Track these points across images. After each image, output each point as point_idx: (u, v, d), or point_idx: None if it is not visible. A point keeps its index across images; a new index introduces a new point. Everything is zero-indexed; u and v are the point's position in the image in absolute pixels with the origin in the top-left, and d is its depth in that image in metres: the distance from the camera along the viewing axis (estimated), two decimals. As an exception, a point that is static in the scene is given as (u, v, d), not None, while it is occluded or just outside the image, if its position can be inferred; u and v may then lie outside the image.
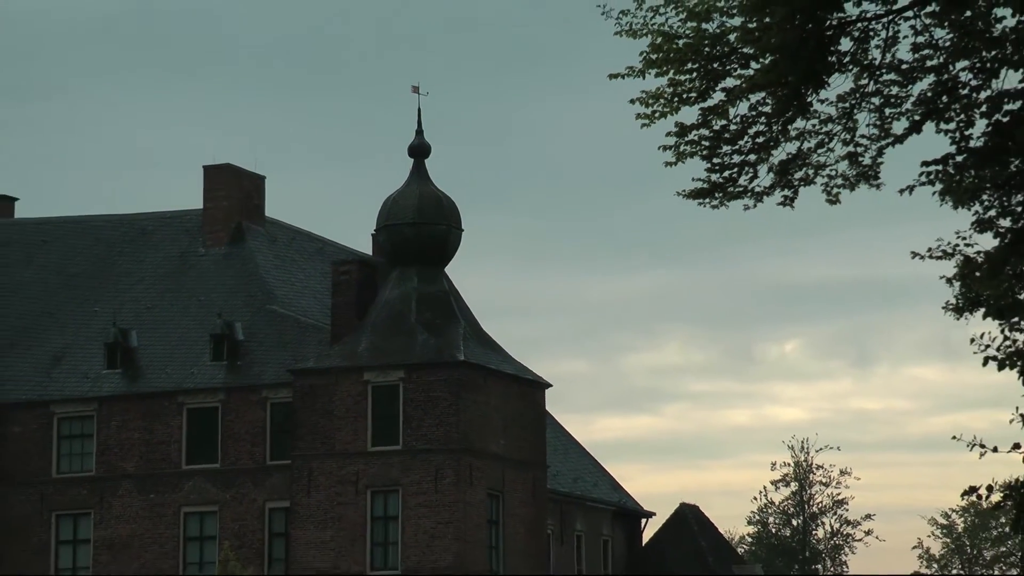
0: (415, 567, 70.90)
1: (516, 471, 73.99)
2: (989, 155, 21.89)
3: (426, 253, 74.43)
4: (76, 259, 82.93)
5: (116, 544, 76.07)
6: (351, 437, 72.06)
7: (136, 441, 76.42)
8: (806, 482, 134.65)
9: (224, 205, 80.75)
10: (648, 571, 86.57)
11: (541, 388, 76.82)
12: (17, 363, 79.40)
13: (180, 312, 78.61)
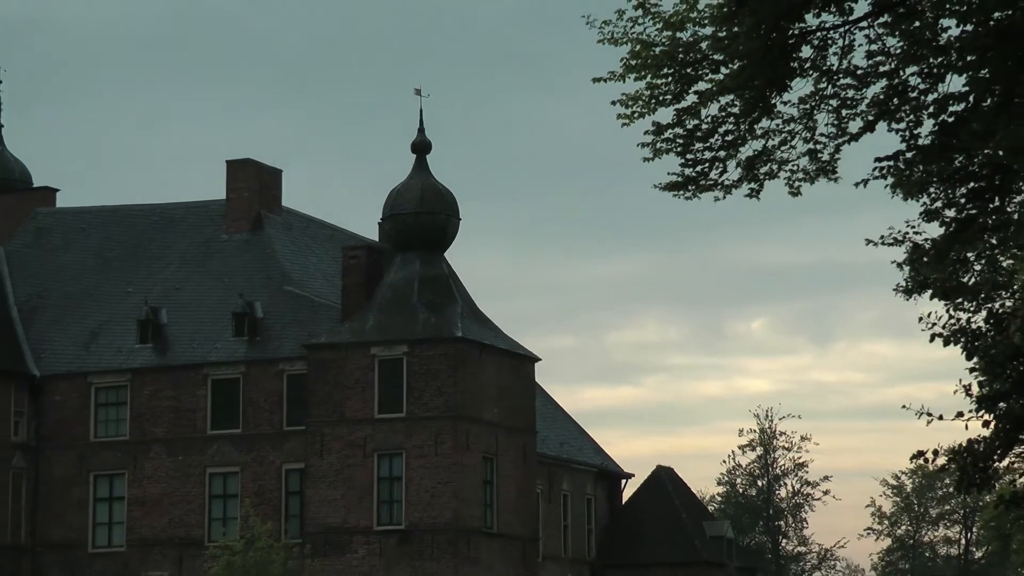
0: (417, 523, 70.94)
1: (508, 436, 74.00)
2: (936, 152, 21.87)
3: (427, 239, 74.41)
4: (111, 244, 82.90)
5: (148, 501, 76.12)
6: (359, 405, 72.06)
7: (165, 409, 76.45)
8: (770, 447, 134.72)
9: (245, 196, 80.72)
10: (627, 527, 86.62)
11: (531, 362, 76.83)
12: (58, 338, 79.43)
13: (205, 292, 78.60)
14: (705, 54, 21.10)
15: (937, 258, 22.83)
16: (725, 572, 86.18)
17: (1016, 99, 21.16)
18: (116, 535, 76.67)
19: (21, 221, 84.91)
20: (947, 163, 22.05)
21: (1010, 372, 21.59)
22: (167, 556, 75.58)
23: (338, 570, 71.22)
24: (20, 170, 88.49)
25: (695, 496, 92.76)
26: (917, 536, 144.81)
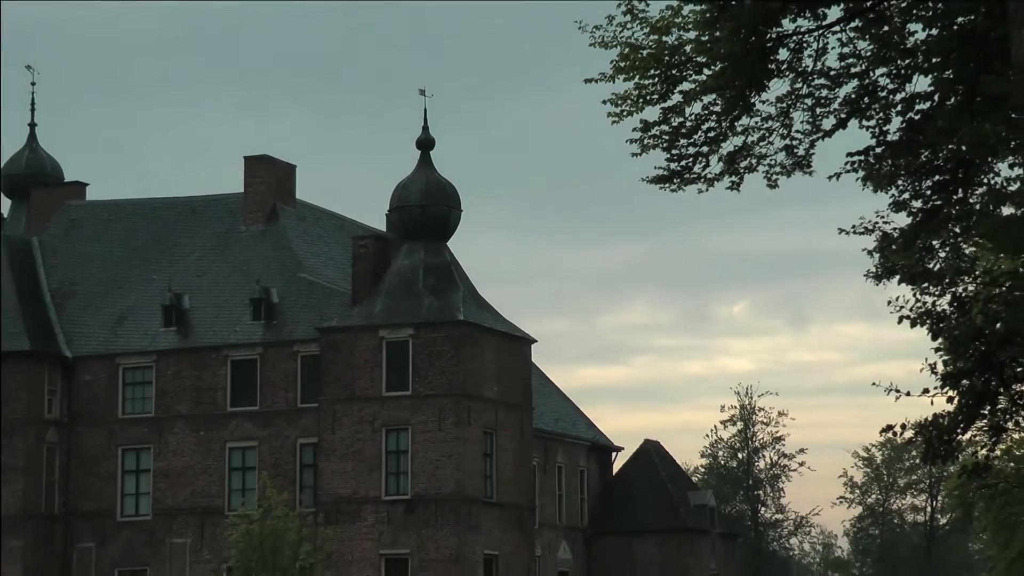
0: (422, 493, 71.00)
1: (507, 413, 74.04)
2: (904, 147, 21.87)
3: (431, 230, 74.44)
4: (137, 235, 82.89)
5: (172, 473, 76.18)
6: (368, 384, 72.10)
7: (188, 387, 76.49)
8: (750, 421, 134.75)
9: (261, 189, 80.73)
10: (618, 497, 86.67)
11: (528, 343, 76.86)
12: (88, 322, 79.45)
13: (225, 279, 78.61)
14: (689, 56, 21.10)
15: (905, 246, 22.83)
16: (708, 538, 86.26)
17: (978, 98, 21.15)
18: (143, 505, 76.74)
19: (53, 213, 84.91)
20: (914, 157, 22.04)
21: (972, 352, 21.60)
22: (190, 524, 75.67)
23: (349, 537, 71.31)
24: (52, 166, 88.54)
25: (680, 468, 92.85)
26: (886, 504, 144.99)
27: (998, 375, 21.06)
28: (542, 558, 79.45)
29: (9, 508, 75.54)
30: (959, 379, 21.69)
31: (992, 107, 21.15)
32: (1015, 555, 66.56)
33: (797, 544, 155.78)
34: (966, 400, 21.48)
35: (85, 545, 76.96)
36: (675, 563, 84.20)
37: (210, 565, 74.64)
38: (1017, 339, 20.83)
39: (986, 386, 21.12)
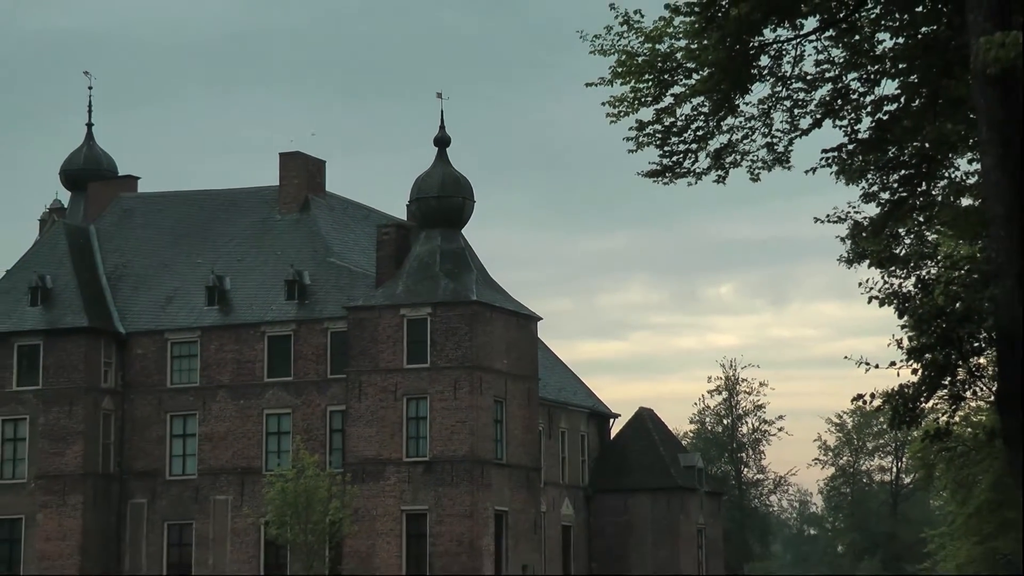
0: (439, 455, 71.07)
1: (515, 383, 74.07)
2: (873, 144, 21.85)
3: (447, 219, 74.41)
4: (183, 223, 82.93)
5: (215, 437, 76.30)
6: (391, 357, 72.13)
7: (229, 360, 76.56)
8: (734, 391, 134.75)
9: (295, 182, 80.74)
10: (614, 459, 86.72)
11: (534, 320, 76.87)
12: (140, 302, 79.54)
13: (262, 263, 78.65)
14: (679, 63, 21.07)
15: (874, 233, 22.82)
16: (696, 496, 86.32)
17: (940, 100, 21.13)
18: (189, 465, 76.86)
19: (108, 204, 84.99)
20: (882, 154, 22.02)
21: (934, 328, 21.58)
22: (231, 483, 75.79)
23: (373, 495, 71.39)
24: (108, 161, 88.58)
25: (671, 433, 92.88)
26: (856, 465, 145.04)
27: (957, 350, 21.03)
28: (547, 514, 79.54)
29: (70, 468, 75.80)
30: (922, 353, 21.67)
31: (953, 108, 21.12)
32: (972, 511, 66.50)
33: (776, 501, 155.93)
34: (928, 372, 21.46)
35: (138, 501, 77.14)
36: (666, 518, 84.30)
37: (249, 519, 74.79)
38: (975, 317, 20.80)
39: (947, 359, 21.10)
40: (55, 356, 76.95)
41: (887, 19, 21.06)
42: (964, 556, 69.43)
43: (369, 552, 71.13)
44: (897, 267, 23.39)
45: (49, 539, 75.60)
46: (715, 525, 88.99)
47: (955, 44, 20.29)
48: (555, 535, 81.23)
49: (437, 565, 70.39)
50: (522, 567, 73.72)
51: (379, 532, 71.13)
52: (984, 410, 50.50)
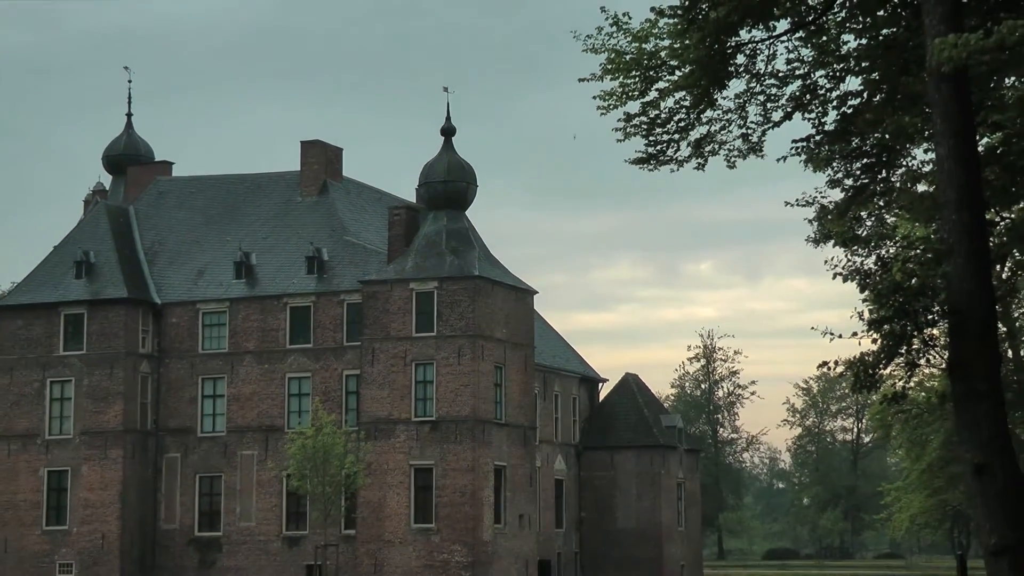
0: (444, 415, 71.15)
1: (513, 351, 74.12)
2: (838, 136, 21.84)
3: (452, 201, 74.35)
4: (213, 204, 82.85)
5: (241, 398, 76.36)
6: (401, 326, 72.16)
7: (255, 328, 76.58)
8: (711, 359, 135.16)
9: (314, 168, 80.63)
10: (603, 419, 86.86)
11: (531, 294, 76.88)
12: (174, 275, 79.52)
13: (284, 241, 78.59)
14: (663, 60, 21.04)
15: (838, 216, 22.82)
16: (676, 453, 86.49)
17: (899, 96, 21.10)
18: (218, 423, 76.94)
19: (146, 187, 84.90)
20: (846, 144, 22.02)
21: (892, 302, 21.56)
22: (256, 439, 75.90)
23: (385, 451, 71.50)
24: (145, 148, 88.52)
25: (654, 396, 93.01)
26: (821, 426, 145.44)
27: (913, 321, 21.03)
28: (541, 468, 79.69)
29: (112, 425, 75.90)
30: (881, 324, 21.67)
31: (910, 103, 21.10)
32: (924, 467, 66.69)
33: (748, 458, 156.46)
34: (887, 341, 21.46)
35: (172, 455, 77.25)
36: (649, 473, 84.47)
37: (272, 472, 74.90)
38: (929, 292, 20.80)
39: (903, 330, 21.09)
40: (98, 324, 76.98)
41: (851, 22, 21.04)
42: (917, 507, 69.63)
43: (380, 502, 71.26)
44: (859, 246, 23.39)
45: (92, 489, 75.76)
46: (693, 479, 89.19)
47: (913, 45, 20.26)
48: (549, 487, 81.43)
49: (442, 514, 70.53)
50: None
51: (390, 484, 71.24)
52: (936, 376, 50.56)
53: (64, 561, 75.67)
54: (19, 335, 78.00)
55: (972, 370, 18.65)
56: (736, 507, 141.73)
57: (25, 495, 76.66)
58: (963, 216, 18.76)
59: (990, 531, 18.34)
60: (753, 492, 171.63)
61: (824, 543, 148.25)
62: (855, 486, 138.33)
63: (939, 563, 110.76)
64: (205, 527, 76.33)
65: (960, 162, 18.78)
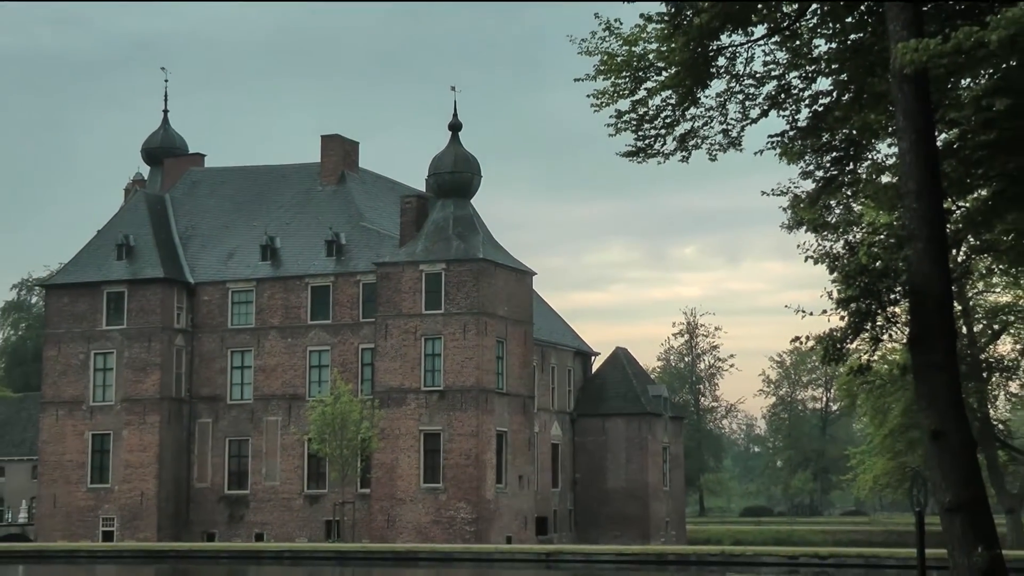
0: (451, 385, 71.22)
1: (514, 327, 74.17)
2: (810, 131, 21.83)
3: (459, 190, 74.31)
4: (242, 192, 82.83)
5: (267, 368, 76.43)
6: (411, 304, 72.19)
7: (279, 306, 76.61)
8: (694, 334, 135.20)
9: (333, 159, 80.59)
10: (595, 389, 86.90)
11: (530, 275, 76.90)
12: (206, 257, 79.54)
13: (306, 226, 78.58)
14: (651, 62, 21.01)
15: (810, 204, 22.81)
16: (661, 420, 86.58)
17: (865, 95, 21.08)
18: (246, 392, 77.03)
19: (180, 177, 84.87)
20: (817, 139, 22.00)
21: (858, 283, 21.57)
22: (280, 406, 76.00)
23: (397, 417, 71.61)
24: (180, 141, 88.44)
25: (642, 368, 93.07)
26: (793, 395, 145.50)
27: (877, 300, 21.04)
28: (539, 434, 79.80)
29: (149, 393, 76.00)
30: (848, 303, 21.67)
31: (876, 102, 21.09)
32: (887, 432, 66.79)
33: (727, 424, 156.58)
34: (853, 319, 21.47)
35: (204, 421, 77.36)
36: (637, 438, 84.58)
37: (295, 436, 75.02)
38: (891, 274, 20.81)
39: (868, 308, 21.10)
40: (137, 301, 77.03)
41: (822, 28, 21.00)
42: (880, 469, 69.74)
43: (393, 464, 71.39)
44: (829, 232, 23.38)
45: (132, 451, 75.89)
46: (677, 444, 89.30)
47: (878, 49, 20.24)
48: (546, 451, 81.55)
49: (449, 475, 70.66)
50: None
51: (401, 448, 71.34)
52: (898, 350, 50.61)
53: (107, 516, 75.88)
54: (66, 311, 78.08)
55: (930, 345, 18.68)
56: (716, 469, 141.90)
57: (72, 456, 76.82)
58: (923, 205, 18.78)
59: (945, 490, 18.39)
60: (731, 455, 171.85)
61: (795, 501, 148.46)
62: (824, 450, 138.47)
63: (899, 519, 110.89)
64: (234, 486, 76.49)
65: (920, 156, 18.79)
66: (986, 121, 18.52)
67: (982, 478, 18.93)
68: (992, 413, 66.30)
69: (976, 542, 18.21)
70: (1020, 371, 65.36)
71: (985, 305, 63.89)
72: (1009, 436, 71.77)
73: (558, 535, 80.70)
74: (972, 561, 18.11)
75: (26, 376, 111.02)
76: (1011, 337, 64.69)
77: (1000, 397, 68.47)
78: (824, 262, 22.81)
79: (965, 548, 18.23)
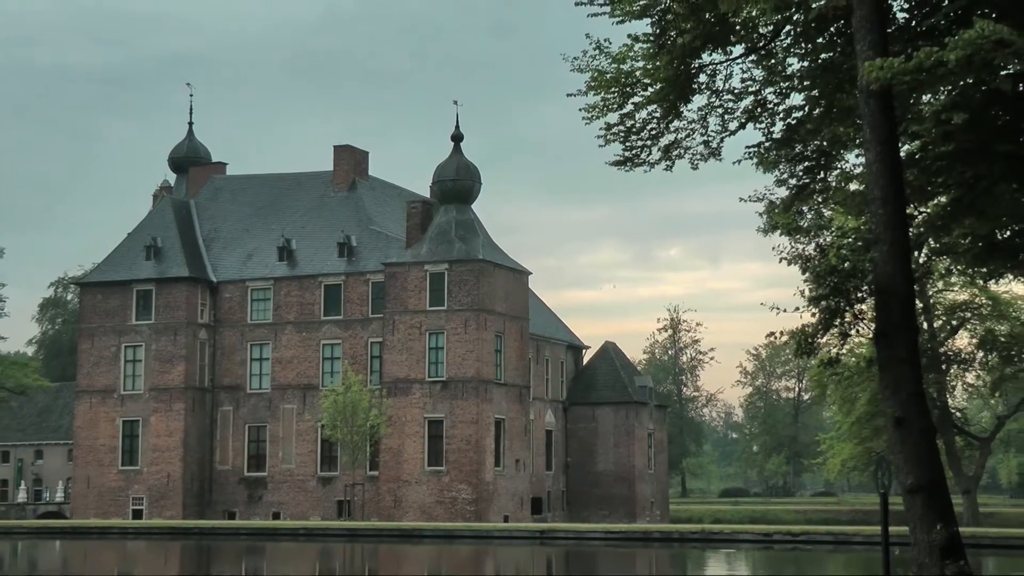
0: (453, 376, 71.24)
1: (511, 322, 74.21)
2: (784, 142, 21.84)
3: (460, 197, 74.34)
4: (260, 198, 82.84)
5: (283, 361, 76.44)
6: (417, 301, 72.21)
7: (294, 303, 76.62)
8: (677, 329, 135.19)
9: (345, 168, 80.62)
10: (586, 380, 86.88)
11: (526, 274, 76.94)
12: (227, 258, 79.56)
13: (320, 229, 78.60)
14: (638, 79, 21.02)
15: (784, 210, 22.82)
16: (647, 408, 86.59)
17: (835, 109, 21.11)
18: (264, 382, 77.06)
19: (204, 183, 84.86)
20: (791, 149, 22.01)
21: (828, 282, 21.60)
22: (295, 395, 76.00)
23: (403, 405, 71.63)
24: (204, 151, 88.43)
25: (629, 360, 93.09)
26: (768, 385, 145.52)
27: (845, 298, 21.07)
28: (534, 421, 79.83)
29: (175, 383, 76.01)
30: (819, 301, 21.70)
31: (844, 116, 21.12)
32: (854, 420, 66.81)
33: (707, 412, 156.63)
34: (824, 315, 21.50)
35: (225, 408, 77.38)
36: (624, 425, 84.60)
37: (309, 423, 75.04)
38: (859, 274, 20.84)
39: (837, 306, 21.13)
40: (164, 298, 77.05)
41: (795, 47, 21.03)
42: (847, 453, 69.78)
43: (399, 448, 71.41)
44: (801, 235, 23.38)
45: (159, 435, 75.91)
46: (661, 430, 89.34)
47: (846, 67, 20.27)
48: (540, 437, 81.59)
49: (451, 459, 70.69)
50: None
51: (407, 434, 71.38)
52: (865, 344, 50.66)
53: (136, 495, 75.91)
54: (99, 307, 78.10)
55: (894, 339, 18.72)
56: (697, 453, 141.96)
57: (104, 440, 76.84)
58: (888, 210, 18.81)
59: (907, 473, 18.43)
60: (711, 441, 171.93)
61: (770, 483, 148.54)
62: (796, 436, 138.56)
63: (865, 499, 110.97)
64: (253, 468, 76.51)
65: (885, 165, 18.83)
66: (945, 134, 18.56)
67: (941, 462, 18.95)
68: (950, 402, 66.41)
69: (935, 520, 18.26)
70: (976, 363, 65.49)
71: (944, 303, 64.01)
72: (966, 423, 71.88)
73: (551, 514, 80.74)
74: (931, 538, 18.16)
75: (62, 367, 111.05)
76: (968, 332, 64.83)
77: (958, 387, 68.62)
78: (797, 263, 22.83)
79: (925, 526, 18.28)
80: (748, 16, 19.64)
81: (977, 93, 17.76)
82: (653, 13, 20.27)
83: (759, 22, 20.22)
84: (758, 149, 21.91)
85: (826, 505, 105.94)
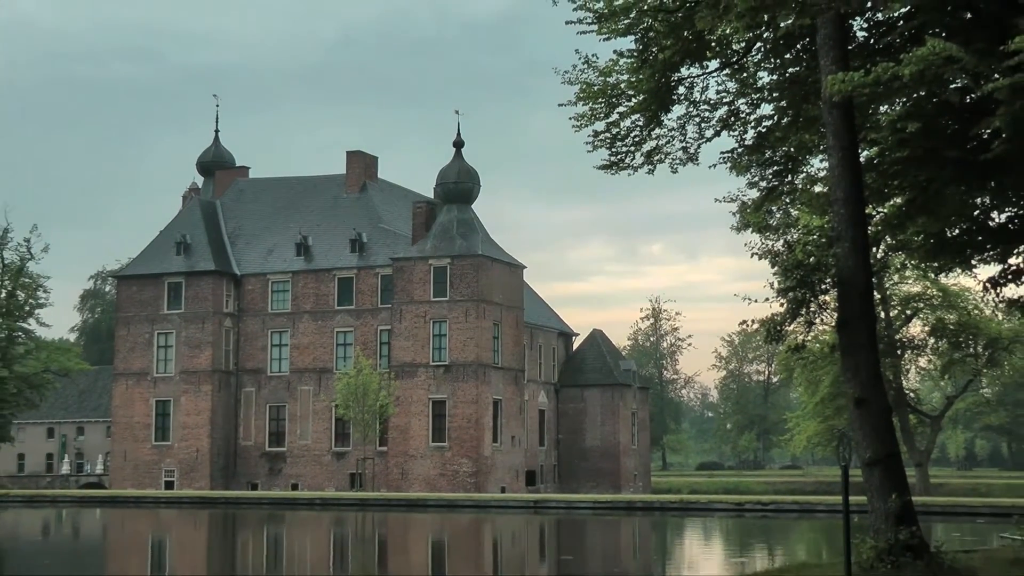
0: (455, 360, 71.24)
1: (507, 311, 74.22)
2: (755, 149, 21.86)
3: (461, 198, 74.31)
4: (280, 199, 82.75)
5: (301, 347, 76.41)
6: (422, 292, 72.20)
7: (311, 294, 76.58)
8: (659, 318, 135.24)
9: (356, 171, 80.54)
10: (575, 364, 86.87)
11: (521, 268, 76.92)
12: (250, 253, 79.46)
13: (334, 227, 78.55)
14: (622, 90, 21.04)
15: (755, 209, 22.85)
16: (631, 390, 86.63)
17: (801, 119, 21.12)
18: (283, 366, 77.03)
19: (228, 186, 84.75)
20: (761, 155, 22.04)
21: (795, 275, 21.61)
22: (312, 378, 75.98)
23: (409, 387, 71.64)
24: (229, 156, 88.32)
25: (615, 346, 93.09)
26: (741, 369, 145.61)
27: (811, 290, 21.10)
28: (528, 401, 79.86)
29: (203, 366, 75.97)
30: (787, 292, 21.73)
31: (810, 124, 21.14)
32: (818, 400, 66.89)
33: (686, 394, 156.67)
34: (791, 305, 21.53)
35: (248, 390, 77.37)
36: (610, 405, 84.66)
37: (324, 403, 75.06)
38: (823, 268, 20.86)
39: (803, 297, 21.16)
40: (192, 290, 77.00)
41: (766, 62, 21.05)
42: (812, 431, 69.86)
43: (406, 426, 71.45)
44: (771, 233, 23.40)
45: (188, 414, 75.92)
46: (644, 410, 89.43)
47: (812, 80, 20.29)
48: (534, 416, 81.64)
49: (453, 435, 70.74)
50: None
51: (413, 413, 71.42)
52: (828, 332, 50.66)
53: (168, 468, 75.96)
54: (134, 298, 78.06)
55: (854, 327, 18.79)
56: (676, 431, 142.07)
57: (139, 418, 76.83)
58: (849, 210, 18.87)
59: (866, 448, 18.50)
60: (689, 419, 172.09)
61: (742, 458, 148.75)
62: (766, 415, 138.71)
63: (828, 472, 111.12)
64: (273, 444, 76.54)
65: (847, 169, 18.88)
66: (900, 141, 18.60)
67: (896, 438, 19.03)
68: (905, 384, 66.52)
69: (891, 490, 18.33)
70: (928, 349, 65.60)
71: (900, 294, 64.12)
72: (918, 403, 71.98)
73: (544, 486, 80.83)
74: (887, 506, 18.24)
75: (101, 352, 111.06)
76: (921, 321, 64.95)
77: (912, 370, 68.72)
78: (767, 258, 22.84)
79: (882, 495, 18.36)
80: (723, 34, 19.66)
81: (929, 104, 17.80)
82: (636, 31, 20.29)
83: (732, 39, 20.24)
84: (732, 155, 21.95)
85: (793, 477, 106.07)
